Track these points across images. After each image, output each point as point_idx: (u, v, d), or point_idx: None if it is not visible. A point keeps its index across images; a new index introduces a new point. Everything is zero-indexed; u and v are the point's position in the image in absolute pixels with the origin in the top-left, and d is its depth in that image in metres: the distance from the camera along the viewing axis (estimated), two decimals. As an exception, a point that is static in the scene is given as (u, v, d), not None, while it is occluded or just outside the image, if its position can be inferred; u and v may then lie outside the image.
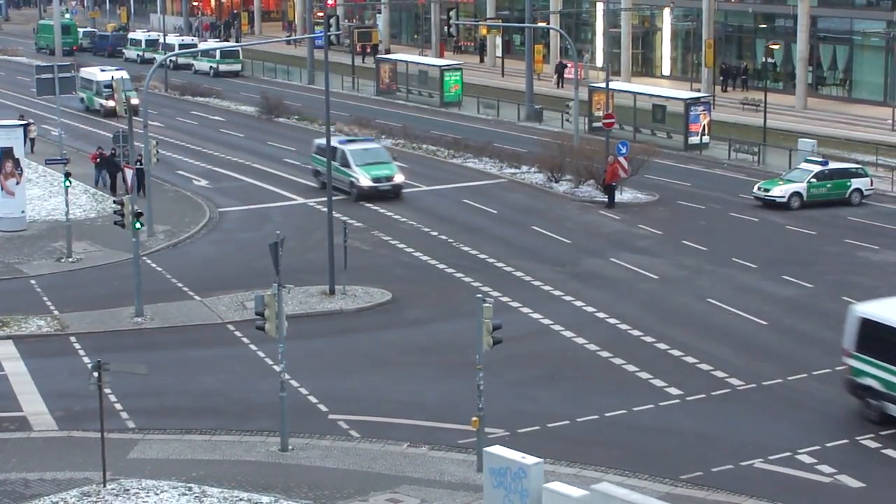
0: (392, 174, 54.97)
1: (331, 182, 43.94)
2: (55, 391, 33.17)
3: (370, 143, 58.00)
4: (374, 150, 56.41)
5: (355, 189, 54.19)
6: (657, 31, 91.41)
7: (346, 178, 54.15)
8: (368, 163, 54.96)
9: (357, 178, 54.12)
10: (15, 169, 50.12)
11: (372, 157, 55.56)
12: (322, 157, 51.08)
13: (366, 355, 36.12)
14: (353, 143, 56.75)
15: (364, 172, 54.31)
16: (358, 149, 55.44)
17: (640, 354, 35.53)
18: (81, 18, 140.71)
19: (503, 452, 23.64)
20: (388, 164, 55.48)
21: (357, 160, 54.66)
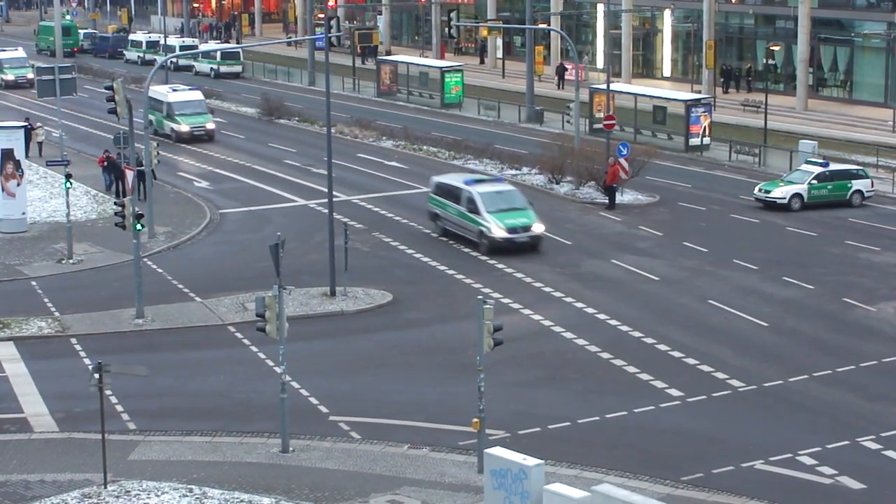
0: (530, 223, 46.55)
1: None
2: (56, 392, 33.17)
3: (502, 185, 49.26)
4: (508, 194, 48.06)
5: (485, 240, 46.17)
6: (658, 32, 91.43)
7: (475, 226, 46.48)
8: (502, 209, 46.65)
9: (488, 227, 46.01)
10: (16, 170, 50.12)
11: (505, 201, 47.27)
12: (443, 199, 48.05)
13: (366, 357, 36.12)
14: (481, 183, 48.57)
15: (497, 221, 46.13)
16: (489, 191, 47.46)
17: (641, 356, 35.53)
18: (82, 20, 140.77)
19: (504, 454, 23.64)
20: (525, 211, 47.05)
21: (488, 205, 46.59)
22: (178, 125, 69.92)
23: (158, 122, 70.91)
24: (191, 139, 69.39)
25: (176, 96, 71.04)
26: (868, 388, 33.13)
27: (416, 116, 78.25)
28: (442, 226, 48.45)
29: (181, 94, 71.55)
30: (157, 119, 70.90)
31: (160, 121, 70.98)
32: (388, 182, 59.23)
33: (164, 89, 72.16)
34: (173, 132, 69.99)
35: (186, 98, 71.42)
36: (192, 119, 70.31)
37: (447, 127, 73.79)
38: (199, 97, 72.21)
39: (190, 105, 71.18)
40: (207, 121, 70.98)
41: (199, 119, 70.62)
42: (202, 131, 70.28)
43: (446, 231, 47.83)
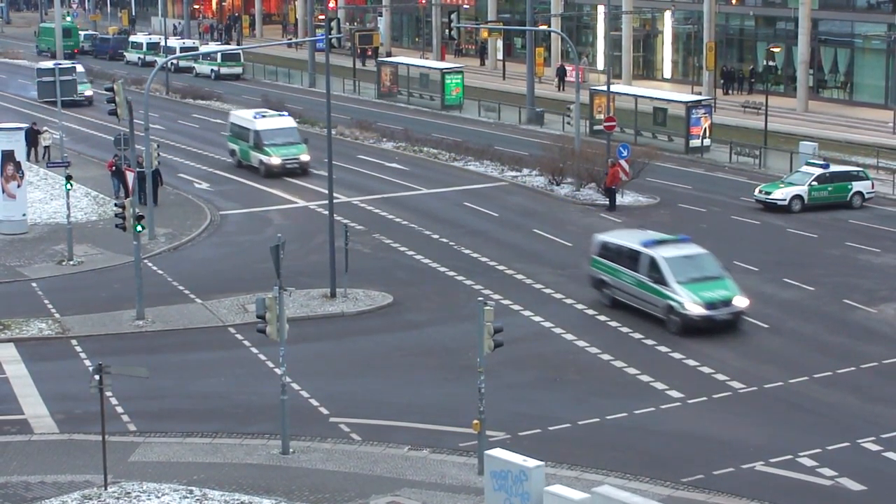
0: (731, 295, 37.90)
1: None
2: (56, 394, 33.18)
3: (691, 247, 39.63)
4: (700, 259, 39.07)
5: (676, 317, 37.26)
6: (658, 34, 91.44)
7: (662, 299, 37.65)
8: (694, 278, 37.93)
9: (680, 302, 37.19)
10: (16, 172, 50.14)
11: (698, 268, 38.50)
12: (612, 263, 39.70)
13: (367, 358, 36.12)
14: (665, 245, 39.15)
15: (691, 294, 37.26)
16: (676, 256, 38.52)
17: (641, 357, 35.53)
18: (82, 21, 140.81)
19: (504, 455, 23.65)
20: (723, 281, 38.46)
21: (677, 274, 37.91)
22: (268, 157, 60.42)
23: (244, 153, 62.53)
24: (283, 173, 60.37)
25: (264, 123, 61.45)
26: (868, 390, 33.13)
27: (417, 118, 78.26)
28: (611, 295, 39.70)
29: (270, 121, 62.11)
30: (242, 149, 62.53)
31: (245, 151, 62.23)
32: (389, 183, 59.24)
33: (249, 115, 62.81)
34: (262, 165, 60.54)
35: (277, 125, 62.01)
36: (285, 150, 60.87)
37: (447, 128, 73.79)
38: (290, 124, 62.99)
39: (281, 133, 61.68)
40: (302, 152, 61.07)
41: (292, 150, 60.91)
42: (296, 164, 60.75)
43: (618, 302, 39.38)
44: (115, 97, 47.68)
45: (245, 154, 62.34)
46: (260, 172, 60.62)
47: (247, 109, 67.55)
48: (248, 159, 62.05)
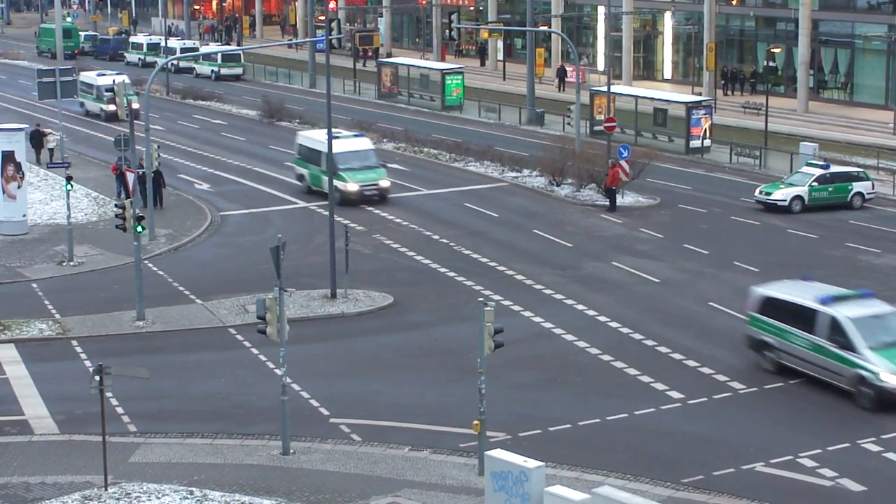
0: None
1: None
2: (56, 395, 33.18)
3: (878, 304, 33.98)
4: (892, 318, 33.39)
5: (870, 389, 31.63)
6: (658, 34, 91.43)
7: (849, 368, 32.15)
8: (888, 343, 32.33)
9: (875, 373, 31.59)
10: (16, 172, 50.14)
11: (890, 331, 32.84)
12: (778, 322, 34.29)
13: (367, 359, 36.13)
14: (846, 302, 33.52)
15: (889, 362, 31.68)
16: (864, 316, 32.85)
17: (642, 358, 35.52)
18: (83, 22, 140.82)
19: (505, 456, 23.64)
20: None
21: (868, 338, 32.27)
22: (343, 183, 53.71)
23: (314, 179, 55.47)
24: (360, 200, 54.38)
25: (339, 145, 51.94)
26: (869, 391, 33.07)
27: (417, 119, 78.27)
28: (776, 359, 34.25)
29: (345, 143, 54.78)
30: (313, 174, 55.56)
31: (317, 176, 54.90)
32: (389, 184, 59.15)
33: (321, 135, 52.29)
34: (337, 192, 51.14)
35: (352, 147, 55.36)
36: (362, 175, 54.75)
37: (448, 129, 73.80)
38: (367, 146, 56.74)
39: (357, 156, 55.19)
40: (381, 177, 55.27)
41: (369, 175, 54.95)
42: (374, 190, 54.89)
43: (784, 367, 34.03)
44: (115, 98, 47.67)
45: (316, 179, 54.85)
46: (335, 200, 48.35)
47: (317, 129, 59.73)
48: (320, 185, 53.64)
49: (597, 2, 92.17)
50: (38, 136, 61.01)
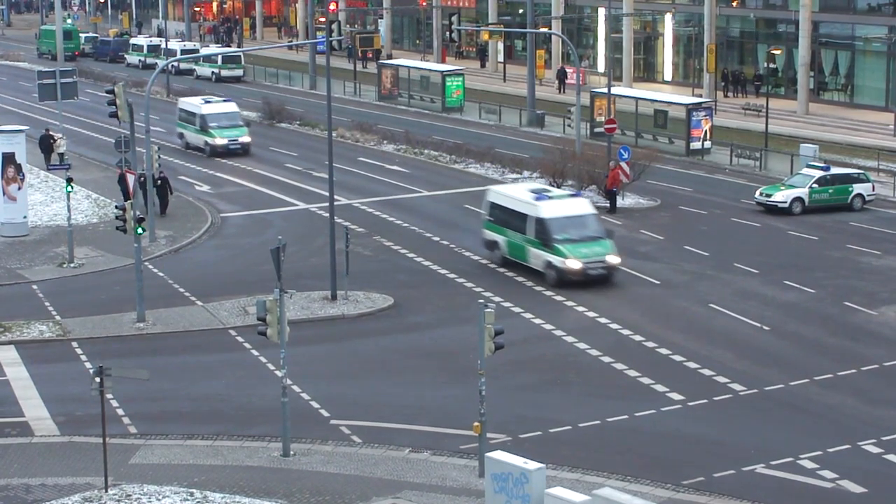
0: None
1: None
2: (57, 396, 33.18)
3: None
4: None
5: None
6: (659, 36, 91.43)
7: None
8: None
9: None
10: (17, 174, 50.14)
11: None
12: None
13: (368, 360, 36.13)
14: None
15: None
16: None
17: (642, 360, 35.53)
18: (83, 24, 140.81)
19: (505, 458, 23.65)
20: None
21: None
22: (563, 259, 41.89)
23: (514, 249, 44.05)
24: (583, 281, 42.17)
25: (550, 209, 42.72)
26: (869, 392, 33.13)
27: (417, 120, 78.26)
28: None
29: (558, 206, 43.34)
30: (513, 243, 44.10)
31: (518, 246, 43.81)
32: (390, 186, 59.24)
33: (526, 194, 43.87)
34: (552, 269, 42.05)
35: (568, 212, 43.33)
36: (585, 249, 42.40)
37: (448, 131, 73.80)
38: (587, 209, 43.96)
39: (576, 223, 43.26)
40: (608, 251, 42.57)
41: (595, 248, 42.61)
42: (600, 267, 42.32)
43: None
44: (115, 99, 47.68)
45: (517, 250, 43.90)
46: (548, 281, 42.29)
47: (520, 185, 49.24)
48: (523, 257, 43.63)
49: (597, 3, 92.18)
50: (47, 140, 60.84)
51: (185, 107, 68.30)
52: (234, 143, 65.06)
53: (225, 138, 65.42)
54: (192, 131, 66.68)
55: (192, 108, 67.43)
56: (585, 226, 43.35)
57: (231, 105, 67.60)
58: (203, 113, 65.96)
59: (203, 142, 65.70)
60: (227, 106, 67.36)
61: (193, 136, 66.83)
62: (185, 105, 68.56)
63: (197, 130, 66.18)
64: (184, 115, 67.99)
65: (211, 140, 65.18)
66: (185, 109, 68.13)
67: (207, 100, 67.98)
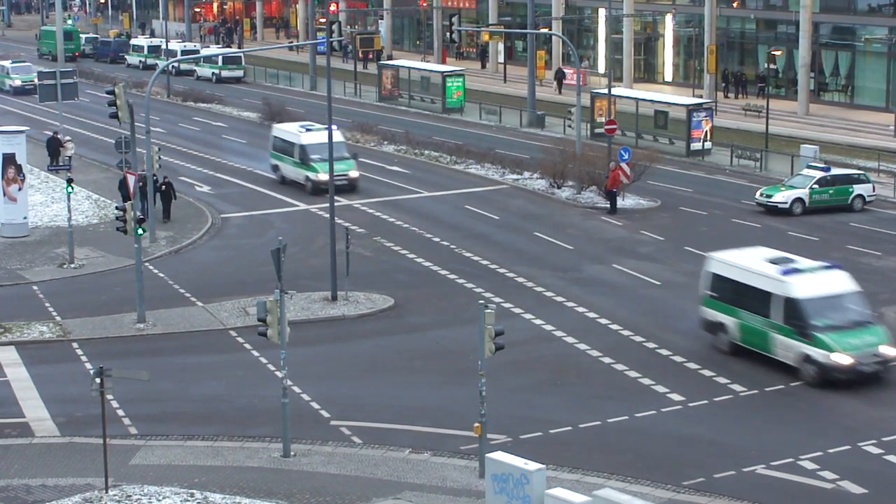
0: None
1: None
2: (57, 397, 33.19)
3: None
4: None
5: None
6: (659, 37, 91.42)
7: None
8: None
9: None
10: (17, 175, 50.15)
11: None
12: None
13: (368, 361, 36.13)
14: None
15: None
16: None
17: (643, 360, 35.52)
18: (83, 24, 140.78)
19: (505, 458, 23.65)
20: None
21: None
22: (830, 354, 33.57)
23: (756, 337, 35.44)
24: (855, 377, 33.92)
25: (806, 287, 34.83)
26: (869, 393, 33.09)
27: (418, 121, 78.25)
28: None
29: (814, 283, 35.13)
30: (754, 331, 35.47)
31: (762, 335, 35.17)
32: (390, 186, 59.23)
33: (766, 266, 35.89)
34: (814, 366, 33.72)
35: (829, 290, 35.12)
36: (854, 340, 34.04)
37: (449, 131, 73.80)
38: (849, 285, 35.59)
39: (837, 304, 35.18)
40: (881, 340, 34.41)
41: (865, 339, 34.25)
42: (874, 363, 33.96)
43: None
44: (116, 100, 47.69)
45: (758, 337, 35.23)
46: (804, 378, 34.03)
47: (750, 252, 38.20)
48: (768, 347, 35.01)
49: (597, 4, 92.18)
50: (55, 143, 60.81)
51: (280, 135, 60.11)
52: (340, 178, 53.52)
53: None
54: (290, 164, 58.39)
55: (288, 137, 59.05)
56: (848, 308, 35.01)
57: (335, 134, 52.13)
58: (303, 143, 57.39)
59: (303, 177, 57.23)
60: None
61: (291, 170, 58.44)
62: (280, 133, 60.37)
63: (296, 163, 57.85)
64: (279, 145, 59.72)
65: (313, 175, 56.24)
66: (280, 138, 59.91)
67: (307, 127, 59.12)
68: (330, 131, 43.01)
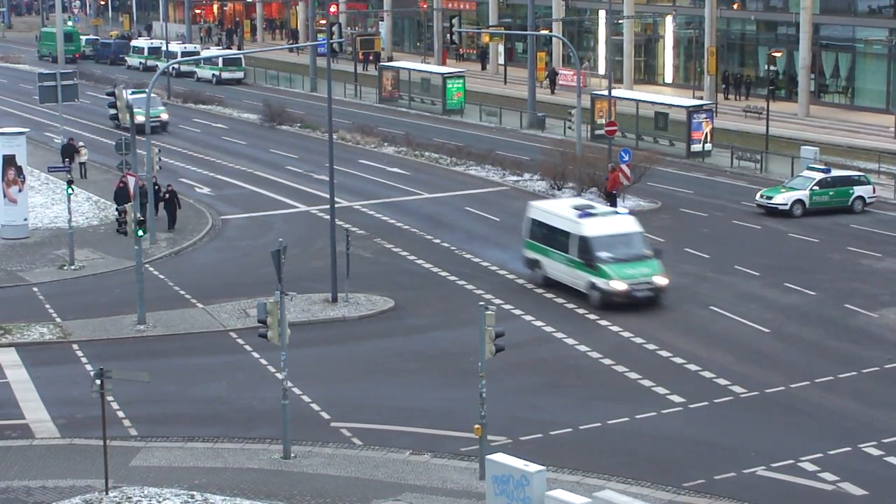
0: None
1: None
2: (57, 399, 33.18)
3: None
4: None
5: None
6: (659, 38, 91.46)
7: None
8: None
9: None
10: (17, 176, 50.15)
11: None
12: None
13: (368, 363, 36.12)
14: None
15: None
16: None
17: (643, 362, 35.51)
18: (84, 26, 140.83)
19: (506, 460, 23.63)
20: None
21: None
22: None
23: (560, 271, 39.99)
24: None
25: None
26: (870, 395, 33.12)
27: (418, 122, 78.27)
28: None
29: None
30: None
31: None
32: (390, 188, 59.25)
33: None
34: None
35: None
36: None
37: (449, 133, 73.82)
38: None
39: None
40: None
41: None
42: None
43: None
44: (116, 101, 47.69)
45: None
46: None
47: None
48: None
49: (598, 6, 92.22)
50: (70, 149, 60.81)
51: (543, 217, 42.75)
52: (641, 288, 39.90)
53: (626, 281, 39.69)
54: (561, 261, 41.39)
55: (559, 222, 41.86)
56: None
57: (628, 221, 41.80)
58: (586, 235, 40.62)
59: (586, 283, 40.27)
60: (621, 222, 41.66)
61: (562, 270, 41.44)
62: (543, 214, 42.91)
63: (572, 262, 40.83)
64: (540, 232, 42.64)
65: (604, 282, 39.62)
66: (542, 222, 42.62)
67: (587, 210, 41.67)
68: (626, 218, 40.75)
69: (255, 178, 62.23)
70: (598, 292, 39.98)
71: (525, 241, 43.55)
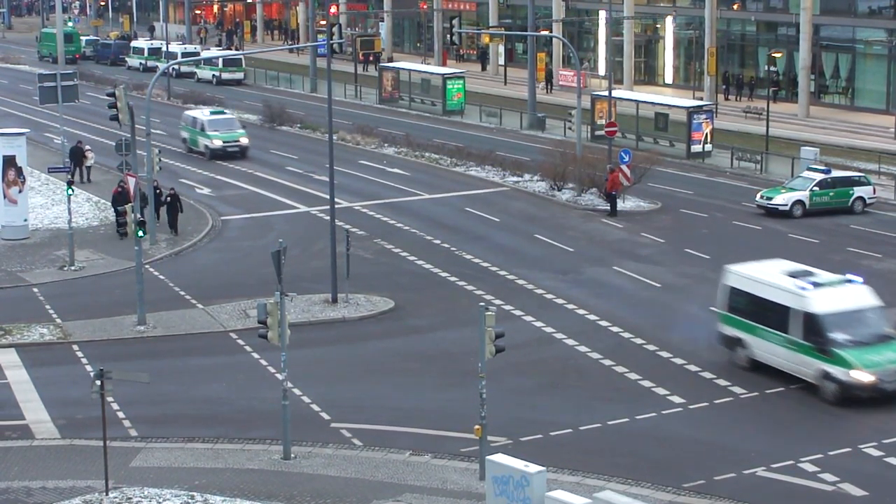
0: None
1: None
2: (57, 399, 33.18)
3: None
4: None
5: None
6: (660, 39, 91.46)
7: None
8: None
9: None
10: (17, 177, 50.15)
11: None
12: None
13: (368, 363, 36.12)
14: None
15: None
16: None
17: (643, 363, 35.51)
18: (84, 27, 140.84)
19: (506, 461, 23.64)
20: None
21: None
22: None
23: None
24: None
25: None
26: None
27: (418, 123, 78.27)
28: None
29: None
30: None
31: None
32: (390, 189, 59.26)
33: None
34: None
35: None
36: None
37: (449, 134, 73.83)
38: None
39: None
40: None
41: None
42: None
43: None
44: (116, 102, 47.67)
45: None
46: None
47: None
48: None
49: (598, 6, 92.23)
50: (78, 152, 60.76)
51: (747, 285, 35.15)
52: (891, 379, 32.30)
53: (872, 370, 32.21)
54: (777, 342, 33.78)
55: (772, 293, 34.22)
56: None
57: (863, 293, 34.27)
58: (816, 312, 32.97)
59: (818, 372, 32.65)
60: (857, 295, 34.10)
61: (779, 353, 33.80)
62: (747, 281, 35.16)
63: (796, 346, 33.20)
64: (743, 304, 35.06)
65: (843, 372, 32.13)
66: (747, 291, 35.09)
67: (810, 278, 33.96)
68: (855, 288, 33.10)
69: (256, 178, 62.24)
70: (834, 384, 32.19)
71: (720, 314, 35.65)
